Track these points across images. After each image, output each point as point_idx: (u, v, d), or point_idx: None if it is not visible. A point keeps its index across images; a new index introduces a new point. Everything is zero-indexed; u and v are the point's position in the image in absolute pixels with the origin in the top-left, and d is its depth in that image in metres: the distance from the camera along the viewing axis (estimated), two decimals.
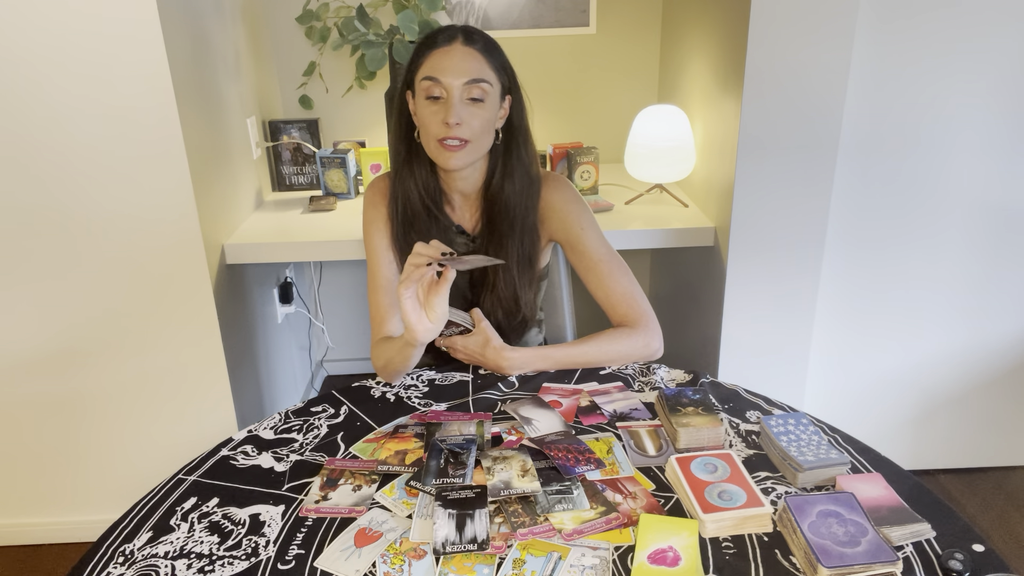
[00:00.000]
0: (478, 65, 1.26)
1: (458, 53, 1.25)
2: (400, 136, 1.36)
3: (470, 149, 1.28)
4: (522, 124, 1.36)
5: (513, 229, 1.37)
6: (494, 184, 1.37)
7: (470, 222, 1.42)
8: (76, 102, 1.63)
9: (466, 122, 1.26)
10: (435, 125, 1.26)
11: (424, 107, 1.27)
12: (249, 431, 1.19)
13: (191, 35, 1.76)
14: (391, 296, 1.39)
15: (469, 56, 1.26)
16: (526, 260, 1.39)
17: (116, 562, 0.93)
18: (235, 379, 1.94)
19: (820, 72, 1.67)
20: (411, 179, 1.36)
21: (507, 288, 1.38)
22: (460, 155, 1.28)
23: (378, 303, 1.39)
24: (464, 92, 1.25)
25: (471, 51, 1.26)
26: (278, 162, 2.33)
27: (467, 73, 1.25)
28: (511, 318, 1.41)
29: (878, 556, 0.85)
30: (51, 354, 1.85)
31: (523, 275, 1.39)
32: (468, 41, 1.27)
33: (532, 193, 1.38)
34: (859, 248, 1.98)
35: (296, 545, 0.95)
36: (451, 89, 1.24)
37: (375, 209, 1.41)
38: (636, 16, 2.42)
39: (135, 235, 1.75)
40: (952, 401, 2.17)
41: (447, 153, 1.27)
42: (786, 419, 1.12)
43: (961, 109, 1.85)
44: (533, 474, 1.02)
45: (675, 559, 0.89)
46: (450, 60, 1.25)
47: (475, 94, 1.26)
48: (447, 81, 1.24)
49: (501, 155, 1.36)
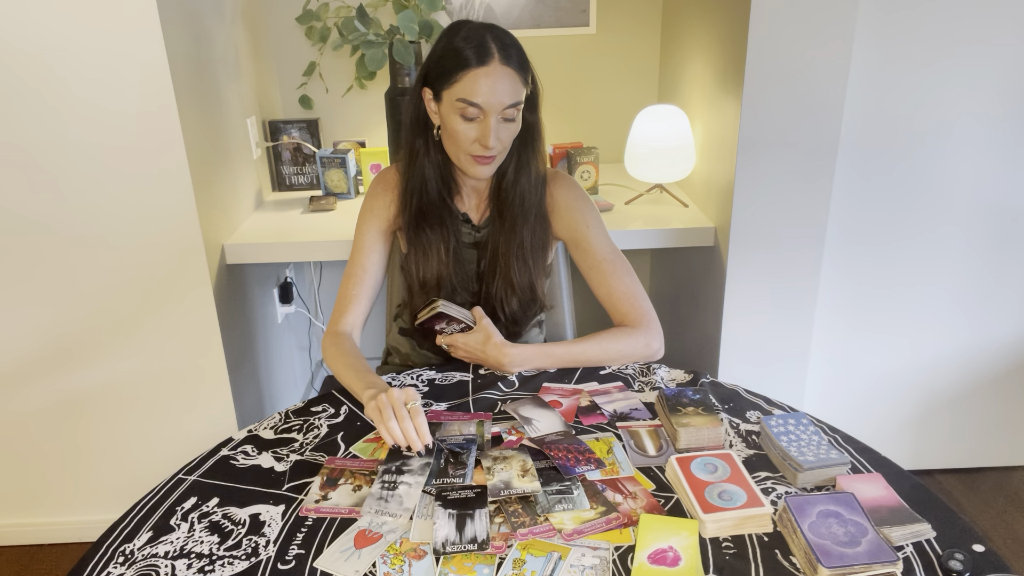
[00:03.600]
0: (514, 86, 1.23)
1: (498, 76, 1.21)
2: (417, 131, 1.34)
3: (499, 159, 1.30)
4: (537, 119, 1.35)
5: (527, 219, 1.37)
6: (508, 177, 1.37)
7: (476, 212, 1.43)
8: (76, 102, 1.63)
9: (500, 139, 1.26)
10: (469, 144, 1.26)
11: (457, 123, 1.25)
12: (249, 431, 1.19)
13: (191, 35, 1.76)
14: (361, 287, 1.38)
15: (507, 78, 1.22)
16: (539, 248, 1.40)
17: (116, 562, 0.93)
18: (235, 379, 1.94)
19: (820, 71, 1.67)
20: (430, 170, 1.35)
21: (523, 276, 1.38)
22: (490, 167, 1.30)
23: (348, 290, 1.38)
24: (501, 115, 1.24)
25: (508, 71, 1.22)
26: (278, 162, 2.33)
27: (507, 97, 1.23)
28: (527, 306, 1.42)
29: (878, 556, 0.85)
30: (51, 354, 1.85)
31: (538, 263, 1.40)
32: (505, 59, 1.22)
33: (542, 183, 1.39)
34: (859, 248, 1.98)
35: (296, 545, 0.95)
36: (489, 113, 1.23)
37: (377, 199, 1.41)
38: (636, 16, 2.42)
39: (135, 235, 1.74)
40: (952, 401, 2.17)
41: (479, 167, 1.29)
42: (786, 419, 1.12)
43: (961, 108, 1.85)
44: (533, 474, 1.02)
45: (675, 559, 0.89)
46: (489, 84, 1.21)
47: (510, 115, 1.25)
48: (487, 106, 1.22)
49: (517, 149, 1.35)
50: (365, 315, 1.40)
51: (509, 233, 1.37)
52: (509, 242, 1.37)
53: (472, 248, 1.43)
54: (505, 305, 1.39)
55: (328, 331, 1.36)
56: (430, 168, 1.35)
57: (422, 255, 1.38)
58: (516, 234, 1.37)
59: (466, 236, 1.42)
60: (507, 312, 1.40)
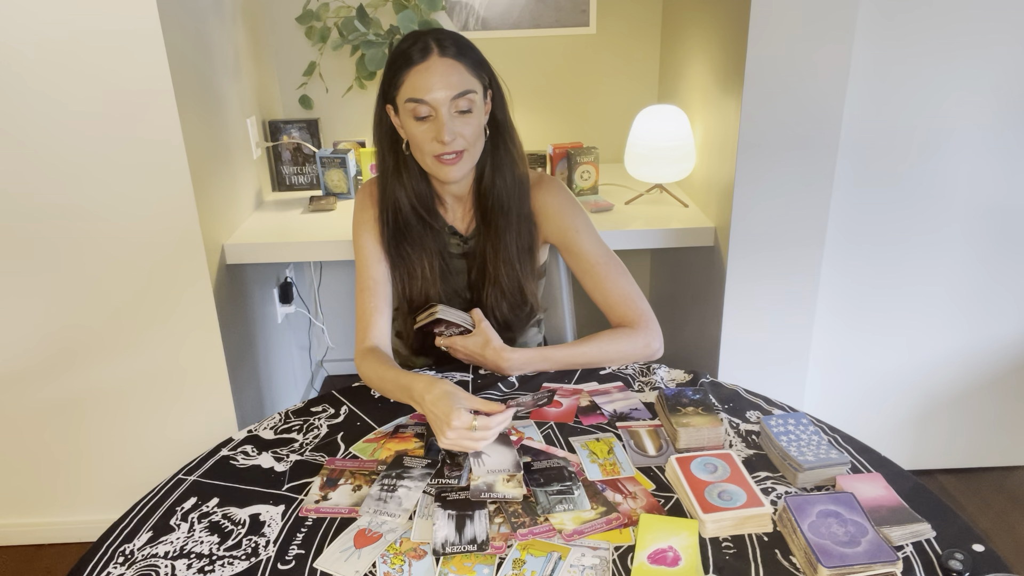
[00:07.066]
0: (459, 76, 1.23)
1: (437, 68, 1.22)
2: (386, 148, 1.34)
3: (467, 158, 1.28)
4: (505, 117, 1.34)
5: (509, 222, 1.36)
6: (485, 181, 1.36)
7: (462, 222, 1.42)
8: (76, 102, 1.63)
9: (459, 134, 1.25)
10: (428, 143, 1.25)
11: (414, 127, 1.25)
12: (249, 431, 1.19)
13: (191, 35, 1.76)
14: (378, 299, 1.36)
15: (448, 68, 1.22)
16: (526, 250, 1.39)
17: (116, 562, 0.93)
18: (235, 379, 1.94)
19: (820, 72, 1.67)
20: (401, 190, 1.35)
21: (511, 280, 1.38)
22: (459, 166, 1.28)
23: (365, 305, 1.36)
24: (452, 107, 1.23)
25: (448, 61, 1.23)
26: (278, 162, 2.33)
27: (451, 87, 1.22)
28: (518, 310, 1.41)
29: (878, 556, 0.85)
30: (51, 354, 1.85)
31: (525, 265, 1.39)
32: (442, 51, 1.23)
33: (523, 184, 1.38)
34: (859, 248, 1.98)
35: (296, 545, 0.95)
36: (439, 107, 1.22)
37: (365, 212, 1.39)
38: (636, 16, 2.42)
39: (135, 235, 1.74)
40: (952, 401, 2.17)
41: (446, 167, 1.27)
42: (786, 419, 1.12)
43: (961, 108, 1.85)
44: (519, 481, 1.02)
45: (675, 559, 0.89)
46: (431, 77, 1.22)
47: (463, 106, 1.24)
48: (433, 100, 1.22)
49: (489, 152, 1.35)
50: (389, 324, 1.37)
51: (494, 238, 1.36)
52: (495, 247, 1.36)
53: (462, 259, 1.42)
54: (496, 311, 1.39)
55: (357, 351, 1.33)
56: (401, 187, 1.34)
57: (406, 274, 1.37)
58: (500, 238, 1.36)
59: (455, 247, 1.42)
60: (499, 317, 1.39)
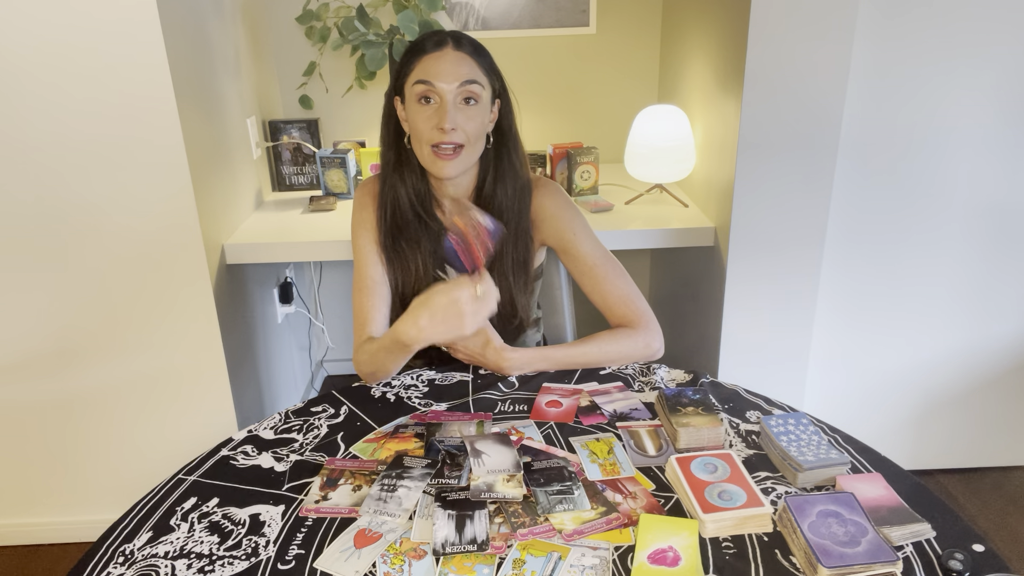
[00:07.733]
0: (469, 68, 1.26)
1: (449, 57, 1.25)
2: (389, 143, 1.36)
3: (464, 155, 1.28)
4: (511, 128, 1.36)
5: (506, 233, 1.36)
6: (486, 189, 1.36)
7: None
8: (75, 102, 1.63)
9: (460, 126, 1.25)
10: (428, 130, 1.26)
11: (417, 112, 1.27)
12: (249, 431, 1.19)
13: (191, 35, 1.76)
14: (375, 298, 1.37)
15: (460, 59, 1.26)
16: (520, 265, 1.39)
17: (116, 562, 0.93)
18: (235, 379, 1.94)
19: (820, 72, 1.67)
20: (401, 186, 1.35)
21: (502, 292, 1.37)
22: (454, 163, 1.28)
23: (362, 304, 1.37)
24: (457, 95, 1.25)
25: (461, 55, 1.26)
26: (278, 162, 2.33)
27: (459, 76, 1.24)
28: (507, 323, 1.41)
29: (878, 556, 0.85)
30: (51, 354, 1.85)
31: (518, 279, 1.39)
32: (458, 45, 1.27)
33: (523, 197, 1.38)
34: (859, 248, 1.98)
35: (296, 545, 0.95)
36: (444, 93, 1.24)
37: (364, 211, 1.40)
38: (636, 16, 2.42)
39: (135, 235, 1.75)
40: (952, 401, 2.17)
41: (441, 162, 1.27)
42: (786, 419, 1.12)
43: (961, 107, 1.85)
44: (519, 480, 1.02)
45: (675, 559, 0.89)
46: (442, 64, 1.24)
47: (468, 94, 1.25)
48: (440, 85, 1.24)
49: (492, 160, 1.35)
50: (386, 324, 1.38)
51: None
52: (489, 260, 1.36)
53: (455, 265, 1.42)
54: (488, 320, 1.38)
55: (356, 348, 1.34)
56: (401, 182, 1.35)
57: (401, 271, 1.37)
58: (496, 252, 1.35)
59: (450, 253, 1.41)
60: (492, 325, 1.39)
